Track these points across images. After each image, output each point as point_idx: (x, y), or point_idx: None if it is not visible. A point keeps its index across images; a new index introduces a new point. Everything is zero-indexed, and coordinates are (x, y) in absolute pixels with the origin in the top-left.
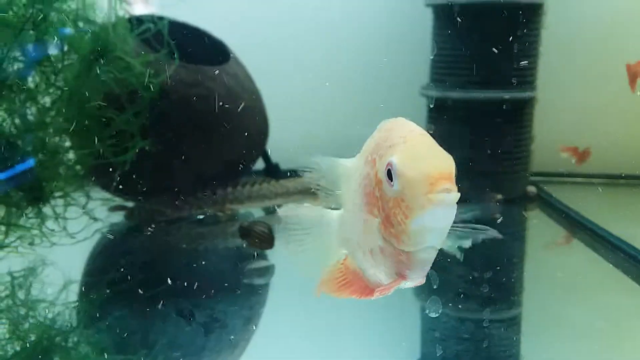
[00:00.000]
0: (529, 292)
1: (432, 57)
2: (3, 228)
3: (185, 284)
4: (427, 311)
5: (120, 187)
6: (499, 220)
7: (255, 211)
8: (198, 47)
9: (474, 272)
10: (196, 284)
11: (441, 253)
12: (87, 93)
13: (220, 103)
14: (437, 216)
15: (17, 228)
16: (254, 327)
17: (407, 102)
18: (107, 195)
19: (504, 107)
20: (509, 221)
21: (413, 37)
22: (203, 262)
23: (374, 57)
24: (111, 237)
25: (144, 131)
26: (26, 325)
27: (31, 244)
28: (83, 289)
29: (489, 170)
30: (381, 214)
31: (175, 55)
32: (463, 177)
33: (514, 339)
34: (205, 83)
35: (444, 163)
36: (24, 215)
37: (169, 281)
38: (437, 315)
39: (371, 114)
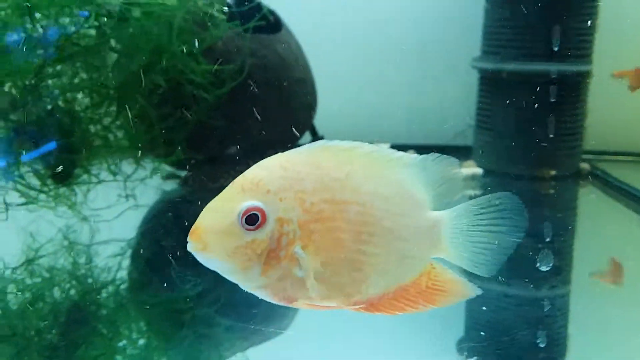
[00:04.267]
0: (581, 266)
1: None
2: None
3: None
4: (538, 264)
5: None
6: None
7: None
8: (252, 16)
9: (526, 248)
10: None
11: None
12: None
13: (275, 73)
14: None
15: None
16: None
17: (459, 74)
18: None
19: (558, 80)
20: (562, 196)
21: (465, 9)
22: None
23: (427, 30)
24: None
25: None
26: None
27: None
28: (134, 251)
29: (542, 145)
30: None
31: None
32: (514, 152)
33: (565, 314)
34: (261, 52)
35: (202, 218)
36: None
37: None
38: (548, 268)
39: (423, 86)
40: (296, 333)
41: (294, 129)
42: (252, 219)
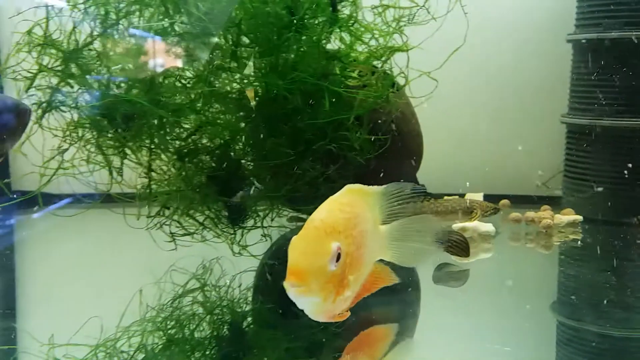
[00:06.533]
0: None
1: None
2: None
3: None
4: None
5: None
6: None
7: None
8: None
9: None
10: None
11: None
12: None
13: (397, 127)
14: (290, 296)
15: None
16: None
17: (548, 129)
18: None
19: None
20: None
21: (554, 69)
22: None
23: (518, 87)
24: None
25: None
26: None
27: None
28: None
29: (630, 194)
30: None
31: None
32: (604, 200)
33: None
34: (386, 107)
35: (300, 260)
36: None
37: None
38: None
39: (514, 140)
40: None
41: (406, 175)
42: (336, 258)
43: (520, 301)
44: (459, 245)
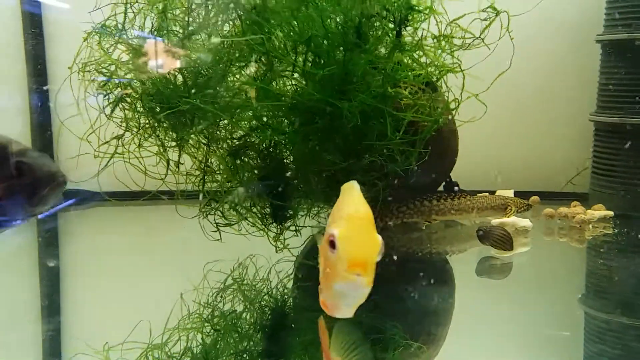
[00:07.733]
0: None
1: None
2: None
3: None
4: None
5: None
6: None
7: None
8: None
9: None
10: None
11: None
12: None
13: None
14: (348, 289)
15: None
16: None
17: (576, 127)
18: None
19: None
20: None
21: (583, 69)
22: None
23: (547, 86)
24: None
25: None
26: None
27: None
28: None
29: None
30: (324, 263)
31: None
32: (633, 197)
33: None
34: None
35: (363, 249)
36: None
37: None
38: None
39: (543, 138)
40: None
41: (443, 172)
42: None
43: (570, 293)
44: (504, 240)
